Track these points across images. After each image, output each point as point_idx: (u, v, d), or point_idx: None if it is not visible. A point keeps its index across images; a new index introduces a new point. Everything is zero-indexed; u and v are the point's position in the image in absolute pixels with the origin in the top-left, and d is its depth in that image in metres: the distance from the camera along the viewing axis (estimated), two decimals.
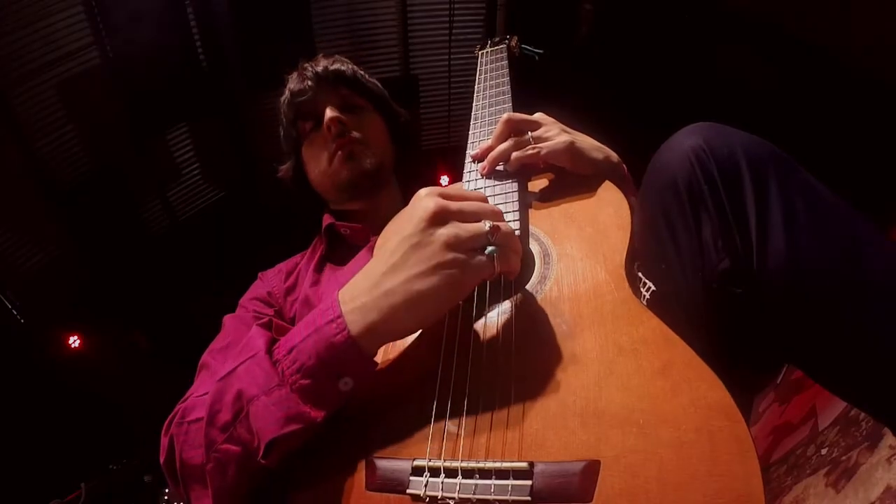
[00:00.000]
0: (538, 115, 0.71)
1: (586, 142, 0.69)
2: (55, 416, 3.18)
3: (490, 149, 0.68)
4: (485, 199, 0.53)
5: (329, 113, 0.85)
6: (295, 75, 0.91)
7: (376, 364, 0.50)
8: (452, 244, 0.46)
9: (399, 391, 0.51)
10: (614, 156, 0.71)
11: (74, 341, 3.40)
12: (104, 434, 3.20)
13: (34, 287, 3.16)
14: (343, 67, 0.90)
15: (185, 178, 3.52)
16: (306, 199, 0.97)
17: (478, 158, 0.71)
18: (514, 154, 0.66)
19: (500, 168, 0.68)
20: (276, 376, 0.48)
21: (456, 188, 0.60)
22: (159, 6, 2.66)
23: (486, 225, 0.48)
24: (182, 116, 3.18)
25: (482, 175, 0.68)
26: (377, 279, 0.48)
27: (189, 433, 0.54)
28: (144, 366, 3.69)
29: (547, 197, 0.66)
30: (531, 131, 0.67)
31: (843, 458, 1.45)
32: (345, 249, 0.87)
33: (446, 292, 0.46)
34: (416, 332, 0.52)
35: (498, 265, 0.47)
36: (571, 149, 0.65)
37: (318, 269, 0.85)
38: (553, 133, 0.67)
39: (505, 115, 0.68)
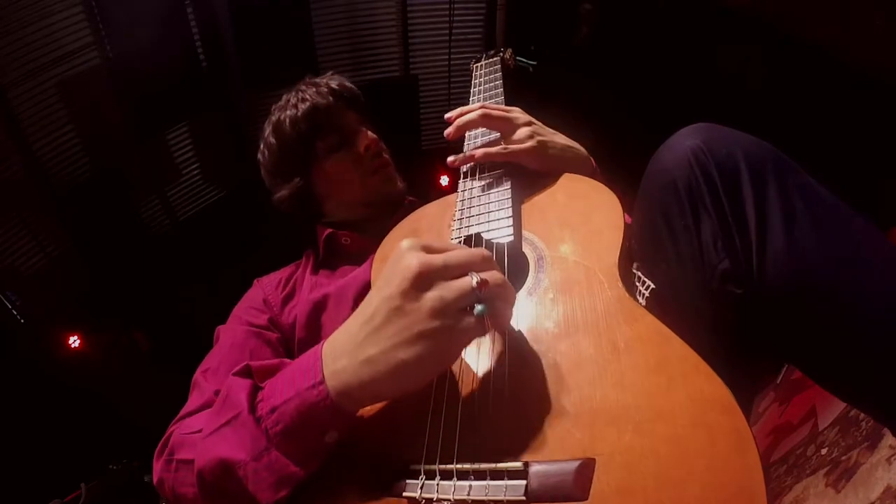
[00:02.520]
0: (515, 113, 0.73)
1: (555, 140, 0.71)
2: (55, 416, 3.18)
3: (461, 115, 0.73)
4: (478, 252, 0.47)
5: (370, 134, 0.88)
6: (311, 90, 0.88)
7: (360, 417, 0.49)
8: (438, 309, 0.42)
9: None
10: (583, 151, 0.74)
11: (74, 341, 3.40)
12: (104, 434, 3.19)
13: (34, 287, 3.16)
14: (354, 88, 0.92)
15: (185, 178, 3.52)
16: (304, 217, 0.94)
17: (451, 123, 0.75)
18: (481, 151, 0.71)
19: (493, 174, 0.70)
20: (263, 437, 0.47)
21: (442, 242, 0.52)
22: (159, 6, 2.67)
23: (473, 280, 0.43)
24: (182, 116, 3.19)
25: (447, 138, 0.73)
26: (359, 342, 0.45)
27: (179, 472, 0.54)
28: (144, 366, 3.69)
29: (540, 201, 0.66)
30: (501, 131, 0.72)
31: (843, 458, 1.44)
32: (340, 257, 0.88)
33: (432, 361, 0.43)
34: (403, 395, 0.48)
35: (489, 323, 0.43)
36: (536, 150, 0.69)
37: (314, 273, 0.87)
38: (521, 136, 0.70)
39: (478, 106, 0.73)
